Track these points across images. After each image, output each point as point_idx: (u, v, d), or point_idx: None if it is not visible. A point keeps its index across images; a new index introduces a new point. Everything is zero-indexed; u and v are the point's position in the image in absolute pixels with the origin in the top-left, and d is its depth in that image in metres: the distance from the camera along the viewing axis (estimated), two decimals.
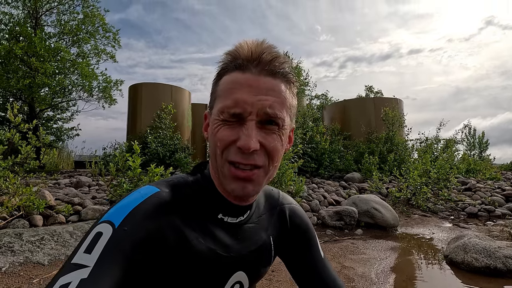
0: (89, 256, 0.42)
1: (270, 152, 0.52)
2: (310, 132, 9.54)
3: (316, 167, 8.74)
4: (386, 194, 6.53)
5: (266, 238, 0.67)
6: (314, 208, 4.86)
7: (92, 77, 11.93)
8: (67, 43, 11.99)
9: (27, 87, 9.66)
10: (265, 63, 0.52)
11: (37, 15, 11.28)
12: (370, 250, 3.50)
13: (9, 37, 10.58)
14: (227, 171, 0.52)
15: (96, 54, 12.63)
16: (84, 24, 11.83)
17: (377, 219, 4.38)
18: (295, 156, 5.64)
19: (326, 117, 13.32)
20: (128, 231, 0.46)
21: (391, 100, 11.54)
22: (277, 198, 0.75)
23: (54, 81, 10.58)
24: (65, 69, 11.24)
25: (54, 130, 17.06)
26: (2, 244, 2.65)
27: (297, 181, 5.00)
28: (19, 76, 9.67)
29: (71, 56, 11.56)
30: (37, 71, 9.81)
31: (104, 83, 12.49)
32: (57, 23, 11.77)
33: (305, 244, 0.73)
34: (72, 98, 12.69)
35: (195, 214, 0.57)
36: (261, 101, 0.50)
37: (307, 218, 0.77)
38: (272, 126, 0.52)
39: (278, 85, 0.53)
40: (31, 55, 9.82)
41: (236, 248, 0.60)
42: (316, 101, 21.90)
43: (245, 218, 0.63)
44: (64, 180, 7.11)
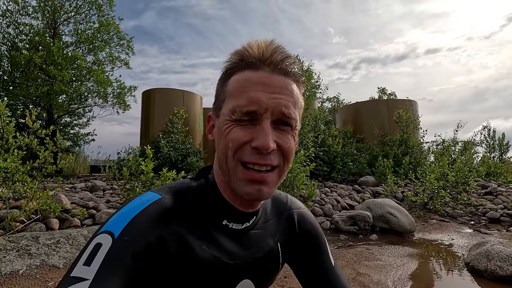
0: (88, 269, 0.40)
1: (286, 153, 0.51)
2: (322, 135, 9.43)
3: (328, 170, 8.61)
4: (401, 198, 6.35)
5: (274, 244, 0.64)
6: (327, 213, 4.77)
7: (107, 84, 12.27)
8: (83, 51, 12.38)
9: (46, 94, 10.02)
10: (277, 62, 0.51)
11: (55, 25, 11.72)
12: (386, 256, 3.38)
13: (29, 46, 11.03)
14: (240, 174, 0.50)
15: (111, 61, 12.98)
16: (100, 32, 12.20)
17: (392, 224, 4.25)
18: (307, 160, 5.57)
19: (338, 120, 13.15)
20: (128, 241, 0.44)
21: (405, 102, 11.29)
22: (285, 203, 0.72)
23: (71, 88, 10.93)
24: (82, 77, 11.60)
25: (71, 136, 17.61)
26: (20, 247, 2.72)
27: (309, 185, 4.93)
28: (38, 84, 10.04)
29: (87, 64, 11.94)
30: (55, 78, 10.16)
31: (119, 89, 12.81)
32: (74, 32, 12.19)
33: (315, 251, 0.69)
34: (88, 104, 13.07)
35: (198, 221, 0.55)
36: (277, 100, 0.49)
37: (317, 223, 0.74)
38: (286, 127, 0.52)
39: (290, 85, 0.52)
40: (49, 63, 10.19)
41: (241, 255, 0.58)
42: (327, 103, 21.71)
43: (251, 224, 0.60)
44: (80, 184, 7.29)
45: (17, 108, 11.87)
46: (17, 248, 2.68)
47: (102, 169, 7.23)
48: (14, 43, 11.17)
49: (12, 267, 2.47)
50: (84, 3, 11.90)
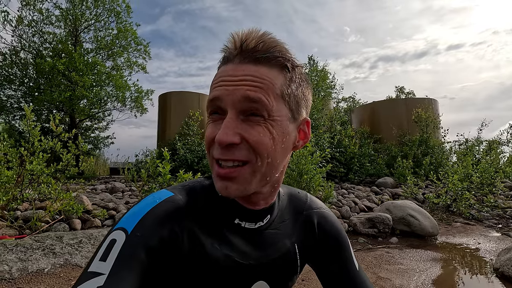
0: (104, 264, 0.42)
1: (254, 147, 0.46)
2: (338, 135, 9.28)
3: (345, 171, 8.45)
4: (422, 200, 6.13)
5: (290, 246, 0.61)
6: (344, 215, 4.67)
7: (125, 88, 12.63)
8: (102, 57, 12.81)
9: (68, 99, 10.43)
10: (247, 50, 0.47)
11: (76, 32, 12.20)
12: (408, 260, 3.27)
13: (53, 54, 11.52)
14: (213, 170, 0.49)
15: (129, 66, 13.37)
16: (118, 38, 12.59)
17: (414, 227, 4.10)
18: (323, 161, 5.49)
19: (354, 120, 12.91)
20: (141, 236, 0.45)
21: (424, 101, 10.93)
22: (304, 202, 0.68)
23: (91, 93, 11.32)
24: (101, 82, 12.00)
25: (91, 139, 18.22)
26: (45, 246, 2.82)
27: (326, 187, 4.85)
28: (61, 90, 10.48)
29: (106, 69, 12.34)
30: (76, 84, 10.57)
31: (136, 93, 13.16)
32: (94, 39, 12.64)
33: (337, 254, 0.65)
34: (107, 108, 13.49)
35: (210, 219, 0.54)
36: (240, 87, 0.45)
37: (339, 225, 0.69)
38: (256, 117, 0.46)
39: (259, 70, 0.47)
40: (71, 69, 10.60)
41: (255, 255, 0.56)
42: (343, 103, 21.38)
43: (265, 223, 0.58)
44: (100, 186, 7.51)
45: (42, 113, 12.41)
46: (42, 248, 2.78)
47: (121, 171, 7.43)
48: (39, 51, 11.72)
49: (38, 265, 2.56)
50: (103, 11, 12.32)
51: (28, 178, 3.99)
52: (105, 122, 16.04)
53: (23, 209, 3.90)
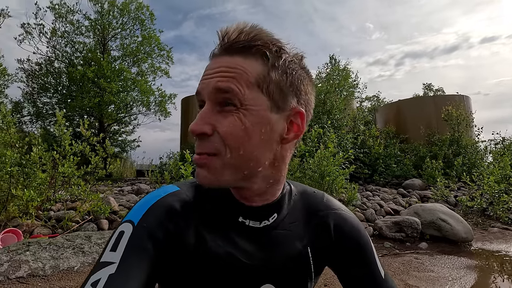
0: (114, 254, 0.44)
1: (224, 137, 0.44)
2: (361, 136, 9.01)
3: (369, 173, 8.17)
4: (454, 203, 5.78)
5: (302, 248, 0.57)
6: (369, 218, 4.50)
7: (150, 93, 13.08)
8: (128, 64, 13.36)
9: (97, 105, 10.98)
10: (227, 43, 0.47)
11: (104, 41, 12.82)
12: (439, 267, 3.08)
13: (83, 62, 12.19)
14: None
15: (153, 72, 13.83)
16: (142, 45, 13.08)
17: (445, 232, 3.87)
18: (346, 162, 5.34)
19: (378, 119, 12.49)
20: (146, 227, 0.47)
21: (455, 98, 10.35)
22: (320, 202, 0.63)
23: (118, 98, 11.82)
24: (127, 87, 12.51)
25: (119, 142, 19.00)
26: (75, 245, 2.96)
27: (349, 189, 4.71)
28: (91, 96, 11.04)
29: (132, 75, 12.85)
30: (104, 90, 11.09)
31: (160, 98, 13.58)
32: (120, 47, 13.22)
33: (358, 258, 0.59)
34: (133, 112, 14.03)
35: (214, 216, 0.53)
36: (212, 79, 0.46)
37: (361, 228, 0.63)
38: (229, 107, 0.45)
39: (235, 60, 0.45)
40: (100, 77, 11.15)
41: (261, 256, 0.53)
42: (367, 103, 20.78)
43: (272, 222, 0.55)
44: (127, 187, 7.80)
45: (74, 118, 13.15)
46: (72, 246, 2.92)
47: (146, 173, 7.66)
48: (71, 60, 12.45)
49: (68, 263, 2.69)
50: (128, 20, 12.86)
51: (60, 180, 4.22)
52: (131, 126, 16.72)
53: (56, 210, 4.13)
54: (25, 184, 3.69)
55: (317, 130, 5.37)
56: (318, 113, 9.03)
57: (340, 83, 11.25)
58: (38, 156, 3.83)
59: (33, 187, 3.68)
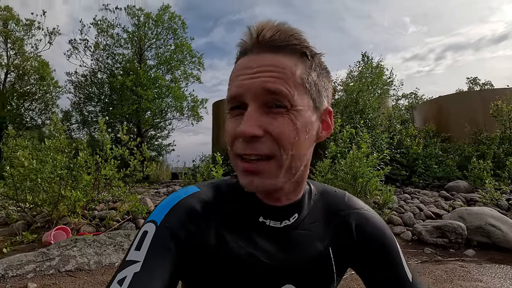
0: (139, 253, 0.45)
1: (278, 139, 0.44)
2: (398, 135, 8.54)
3: (407, 174, 7.71)
4: (507, 207, 5.23)
5: (323, 249, 0.56)
6: (407, 222, 4.25)
7: (183, 99, 13.64)
8: (163, 72, 14.06)
9: (135, 111, 11.67)
10: (264, 40, 0.46)
11: (141, 51, 13.64)
12: (488, 277, 2.81)
13: (123, 72, 13.06)
14: (236, 166, 0.48)
15: (185, 78, 14.41)
16: (175, 53, 13.70)
17: (495, 238, 3.52)
18: (381, 163, 5.09)
19: (417, 117, 11.77)
20: (169, 227, 0.48)
21: (505, 91, 9.41)
22: (341, 202, 0.62)
23: (154, 105, 12.47)
24: (162, 94, 13.16)
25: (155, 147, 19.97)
26: (116, 242, 3.16)
27: (385, 191, 4.49)
28: (129, 103, 11.77)
29: (166, 82, 13.49)
30: (141, 98, 11.77)
31: (192, 103, 14.10)
32: (155, 56, 13.97)
33: (383, 260, 0.57)
34: (167, 118, 14.70)
35: (235, 217, 0.54)
36: (259, 79, 0.44)
37: (385, 228, 0.60)
38: (279, 109, 0.44)
39: (279, 60, 0.45)
40: (137, 85, 11.86)
41: (281, 256, 0.53)
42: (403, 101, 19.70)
43: (293, 222, 0.55)
44: (163, 189, 8.17)
45: (115, 125, 14.11)
46: (113, 244, 3.12)
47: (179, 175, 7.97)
48: (111, 71, 13.42)
49: (110, 259, 2.89)
50: (162, 30, 13.56)
51: (103, 182, 4.55)
52: (166, 131, 17.56)
53: (99, 209, 4.45)
54: (73, 185, 4.03)
55: (349, 130, 5.20)
56: (350, 112, 8.74)
57: (373, 81, 10.78)
58: (84, 160, 4.16)
59: (79, 189, 4.00)
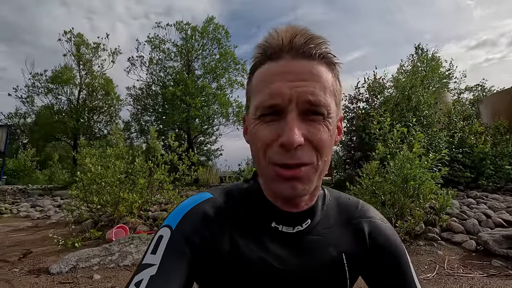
0: (155, 257, 0.47)
1: (318, 146, 0.45)
2: (459, 133, 7.67)
3: (473, 176, 6.87)
4: None
5: (337, 255, 0.55)
6: (470, 230, 3.78)
7: (228, 105, 14.14)
8: (209, 80, 14.77)
9: (185, 119, 12.45)
10: (298, 46, 0.46)
11: (189, 63, 14.53)
12: None
13: (173, 83, 14.06)
14: (272, 173, 0.47)
15: (230, 85, 14.92)
16: (220, 62, 14.30)
17: None
18: (438, 164, 4.63)
19: (484, 112, 10.43)
20: (183, 232, 0.50)
21: None
22: (355, 210, 0.62)
23: (202, 112, 13.16)
24: (209, 102, 13.82)
25: (204, 152, 20.97)
26: None
27: (442, 194, 4.06)
28: (179, 112, 12.61)
29: (212, 90, 14.14)
30: (190, 106, 12.51)
31: (237, 108, 14.51)
32: (202, 66, 14.75)
33: (393, 270, 0.56)
34: (214, 124, 15.36)
35: (247, 222, 0.55)
36: (301, 88, 0.44)
37: (396, 238, 0.60)
38: (317, 116, 0.45)
39: (317, 68, 0.46)
40: (186, 94, 12.66)
41: (294, 262, 0.53)
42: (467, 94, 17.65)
43: (305, 228, 0.55)
44: None
45: (168, 132, 15.24)
46: None
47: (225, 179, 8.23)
48: (164, 83, 14.55)
49: None
50: (207, 41, 14.29)
51: (156, 186, 4.95)
52: (214, 136, 18.37)
53: (153, 210, 4.84)
54: (130, 188, 4.46)
55: (400, 129, 4.82)
56: (402, 110, 8.11)
57: (428, 75, 9.87)
58: (139, 166, 4.59)
59: (136, 191, 4.42)
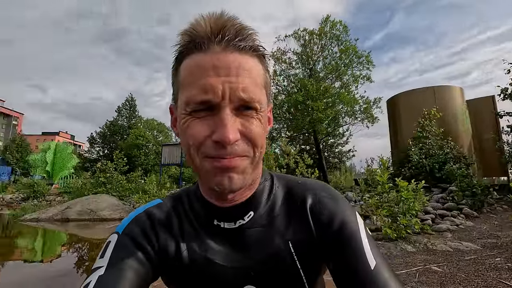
0: (102, 259, 0.49)
1: (252, 139, 0.45)
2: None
3: None
4: None
5: (282, 244, 0.52)
6: None
7: (353, 102, 13.25)
8: (331, 80, 14.39)
9: (309, 123, 12.60)
10: (229, 38, 0.44)
11: (310, 67, 14.70)
12: None
13: (296, 90, 14.61)
14: (208, 166, 0.45)
15: (354, 81, 13.97)
16: (341, 59, 13.68)
17: None
18: None
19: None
20: (130, 235, 0.52)
21: None
22: (299, 188, 0.56)
23: (325, 114, 12.95)
24: (332, 102, 13.43)
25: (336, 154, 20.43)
26: None
27: None
28: (304, 116, 12.90)
29: (336, 90, 13.67)
30: (313, 109, 12.57)
31: (364, 104, 13.36)
32: (323, 67, 14.57)
33: (340, 249, 0.49)
34: (340, 124, 14.74)
35: (191, 223, 0.55)
36: (233, 84, 0.43)
37: (344, 208, 0.53)
38: (250, 111, 0.45)
39: (248, 62, 0.45)
40: (308, 98, 12.83)
41: (238, 257, 0.52)
42: None
43: (248, 221, 0.53)
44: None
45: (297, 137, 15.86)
46: None
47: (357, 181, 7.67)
48: (288, 91, 15.33)
49: None
50: (326, 41, 14.02)
51: None
52: (344, 137, 17.63)
53: None
54: None
55: None
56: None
57: None
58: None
59: None
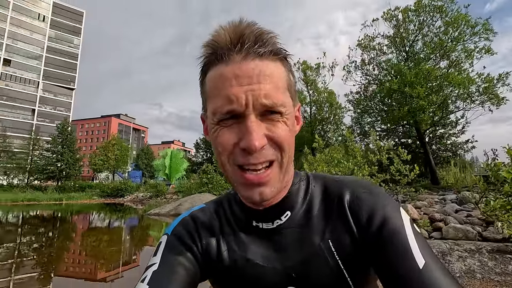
0: (156, 257, 0.54)
1: (279, 143, 0.46)
2: None
3: None
4: None
5: (323, 243, 0.52)
6: None
7: (469, 83, 10.89)
8: (435, 60, 12.23)
9: (407, 113, 11.04)
10: (248, 46, 0.45)
11: (406, 49, 12.90)
12: None
13: (390, 78, 13.05)
14: (239, 177, 0.47)
15: (468, 56, 11.48)
16: (447, 33, 11.47)
17: None
18: None
19: None
20: (178, 235, 0.58)
21: None
22: (336, 186, 0.56)
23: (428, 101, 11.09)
24: (436, 86, 11.39)
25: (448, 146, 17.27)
26: None
27: None
28: (399, 106, 11.39)
29: (442, 71, 11.55)
30: (412, 97, 10.97)
31: (484, 83, 10.81)
32: (424, 47, 12.53)
33: (382, 247, 0.47)
34: (451, 111, 12.34)
35: (231, 225, 0.58)
36: (255, 91, 0.44)
37: (385, 203, 0.51)
38: (275, 115, 0.46)
39: (268, 67, 0.46)
40: (404, 85, 11.26)
41: (277, 258, 0.53)
42: None
43: (285, 221, 0.54)
44: (452, 196, 6.92)
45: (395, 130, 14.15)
46: None
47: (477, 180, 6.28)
48: (379, 80, 13.86)
49: None
50: (425, 15, 12.03)
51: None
52: (459, 126, 14.69)
53: None
54: None
55: None
56: None
57: None
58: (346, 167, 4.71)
59: None
